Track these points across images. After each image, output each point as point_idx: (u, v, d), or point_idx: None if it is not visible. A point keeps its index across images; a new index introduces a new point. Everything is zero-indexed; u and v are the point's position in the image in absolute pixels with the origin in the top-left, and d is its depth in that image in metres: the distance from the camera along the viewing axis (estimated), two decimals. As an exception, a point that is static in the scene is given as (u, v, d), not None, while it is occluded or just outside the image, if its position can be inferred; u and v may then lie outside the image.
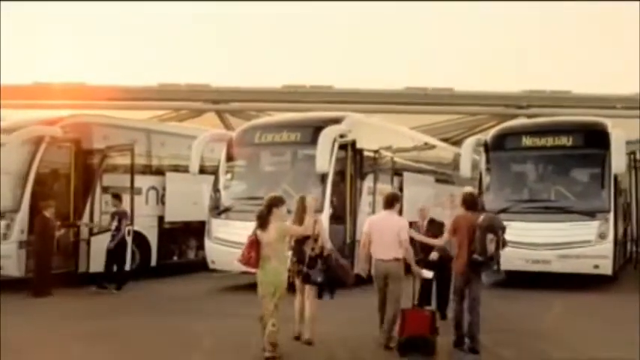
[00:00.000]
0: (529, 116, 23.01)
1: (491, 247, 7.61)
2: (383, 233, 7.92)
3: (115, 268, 12.40)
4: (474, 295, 7.78)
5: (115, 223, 12.44)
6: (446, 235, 8.25)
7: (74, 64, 45.93)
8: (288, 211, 7.84)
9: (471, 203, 8.07)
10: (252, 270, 7.67)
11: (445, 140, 22.00)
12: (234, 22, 50.58)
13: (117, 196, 12.75)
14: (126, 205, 12.88)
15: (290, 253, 7.94)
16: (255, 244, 7.37)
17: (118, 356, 7.66)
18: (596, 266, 11.91)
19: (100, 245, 12.44)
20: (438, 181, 15.74)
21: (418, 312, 8.06)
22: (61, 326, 9.23)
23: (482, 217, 7.92)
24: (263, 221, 7.38)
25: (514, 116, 23.56)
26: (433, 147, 17.00)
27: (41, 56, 46.82)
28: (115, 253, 12.41)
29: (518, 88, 29.20)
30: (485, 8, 40.18)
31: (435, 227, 9.57)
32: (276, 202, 7.46)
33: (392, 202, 8.11)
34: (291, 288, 7.88)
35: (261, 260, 7.34)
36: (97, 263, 12.43)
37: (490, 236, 7.64)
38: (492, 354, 7.74)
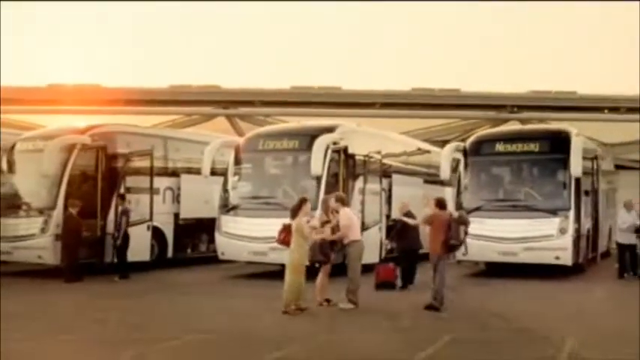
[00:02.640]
0: (521, 120, 25.58)
1: (462, 235, 11.40)
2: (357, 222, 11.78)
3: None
4: (441, 269, 11.13)
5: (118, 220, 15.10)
6: (421, 224, 12.03)
7: (87, 66, 49.01)
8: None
9: (443, 205, 11.63)
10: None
11: (445, 142, 24.56)
12: (242, 24, 53.39)
13: (122, 196, 15.29)
14: (146, 203, 15.68)
15: None
16: (286, 230, 10.85)
17: (139, 326, 9.89)
18: (557, 257, 14.46)
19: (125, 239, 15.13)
20: (427, 182, 18.36)
21: (386, 266, 13.71)
22: (91, 303, 11.85)
23: (457, 214, 11.84)
24: (293, 214, 10.80)
25: (506, 120, 26.12)
26: (423, 151, 19.64)
27: (55, 58, 50.05)
28: (121, 246, 15.03)
29: (524, 88, 31.69)
30: (491, 9, 42.55)
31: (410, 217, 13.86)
32: (304, 201, 11.02)
33: (344, 200, 11.79)
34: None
35: None
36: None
37: (462, 227, 11.42)
38: (447, 322, 10.31)
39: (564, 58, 48.49)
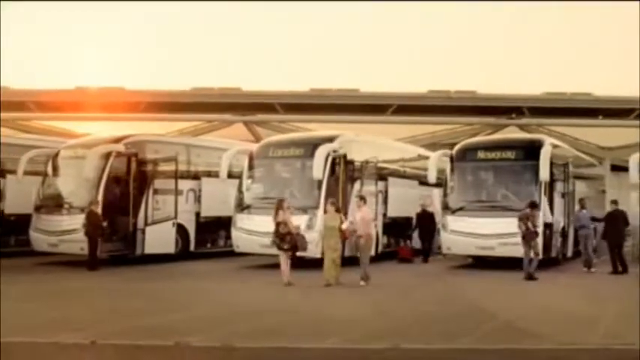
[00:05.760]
0: (520, 126, 28.93)
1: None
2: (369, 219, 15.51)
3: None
4: (537, 250, 16.78)
5: None
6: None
7: (112, 69, 53.47)
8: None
9: (533, 205, 17.02)
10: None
11: (452, 145, 27.97)
12: (261, 28, 57.40)
13: None
14: (171, 203, 19.48)
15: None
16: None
17: (161, 301, 13.20)
18: None
19: (153, 234, 19.10)
20: (422, 183, 21.90)
21: (406, 247, 20.50)
22: (122, 285, 15.48)
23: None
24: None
25: (505, 126, 29.48)
26: (419, 156, 23.27)
27: (81, 61, 54.68)
28: None
29: (540, 90, 34.93)
30: (505, 10, 45.64)
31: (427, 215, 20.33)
32: (333, 202, 15.50)
33: (364, 199, 15.79)
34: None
35: None
36: (150, 247, 19.06)
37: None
38: (420, 299, 13.95)
39: (580, 61, 51.71)
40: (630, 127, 29.54)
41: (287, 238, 14.98)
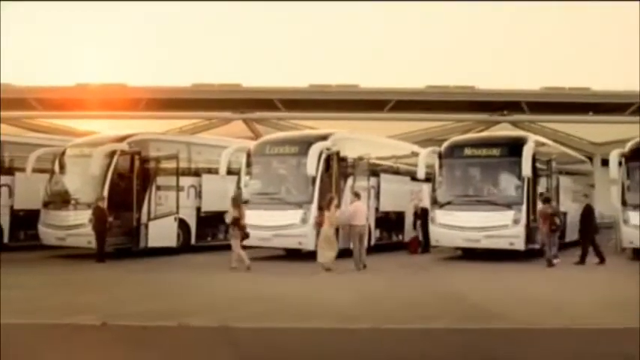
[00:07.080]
0: (512, 122, 30.37)
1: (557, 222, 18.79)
2: (360, 212, 17.35)
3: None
4: (555, 241, 19.01)
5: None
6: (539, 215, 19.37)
7: (113, 66, 55.04)
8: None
9: (547, 200, 19.19)
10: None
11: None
12: (262, 25, 58.90)
13: None
14: (173, 199, 20.94)
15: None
16: (321, 216, 17.96)
17: (162, 288, 14.84)
18: (512, 243, 19.26)
19: (156, 228, 20.59)
20: (414, 179, 23.37)
21: (415, 239, 21.99)
22: (127, 276, 17.05)
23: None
24: (326, 207, 17.68)
25: (497, 122, 30.93)
26: (412, 153, 24.77)
27: (82, 58, 56.27)
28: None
29: (538, 85, 36.30)
30: (505, 10, 46.98)
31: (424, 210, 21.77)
32: (332, 198, 17.68)
33: (359, 195, 17.57)
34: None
35: None
36: (153, 240, 20.59)
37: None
38: (404, 287, 15.42)
39: (579, 60, 53.16)
40: (626, 123, 30.78)
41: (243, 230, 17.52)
